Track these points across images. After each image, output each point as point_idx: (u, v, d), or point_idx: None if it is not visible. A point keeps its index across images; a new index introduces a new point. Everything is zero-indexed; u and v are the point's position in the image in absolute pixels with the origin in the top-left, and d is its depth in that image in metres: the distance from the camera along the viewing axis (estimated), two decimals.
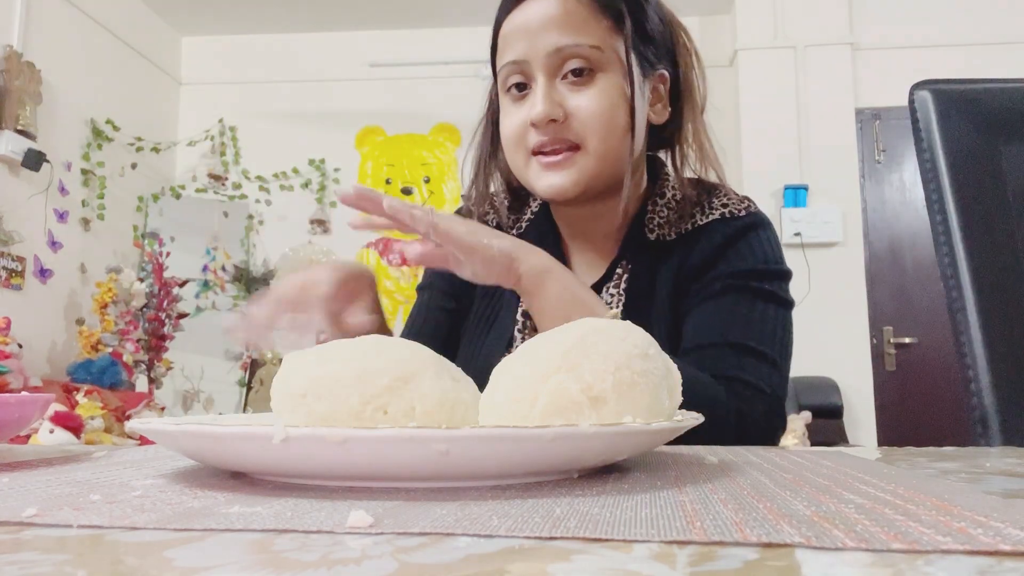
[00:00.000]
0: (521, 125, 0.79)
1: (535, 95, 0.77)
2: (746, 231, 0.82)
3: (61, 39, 3.58)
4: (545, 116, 0.76)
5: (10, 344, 2.87)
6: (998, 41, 3.81)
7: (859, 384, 3.63)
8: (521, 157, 0.80)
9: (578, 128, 0.77)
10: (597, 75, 0.77)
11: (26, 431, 1.47)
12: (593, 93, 0.77)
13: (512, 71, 0.79)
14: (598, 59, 0.77)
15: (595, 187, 0.80)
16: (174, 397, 4.06)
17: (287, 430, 0.32)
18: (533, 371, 0.40)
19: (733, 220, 0.83)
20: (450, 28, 4.39)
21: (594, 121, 0.77)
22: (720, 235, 0.81)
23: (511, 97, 0.81)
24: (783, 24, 3.93)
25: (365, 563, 0.21)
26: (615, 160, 0.79)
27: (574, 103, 0.77)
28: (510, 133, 0.81)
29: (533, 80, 0.78)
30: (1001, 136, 0.83)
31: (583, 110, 0.77)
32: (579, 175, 0.78)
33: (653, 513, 0.28)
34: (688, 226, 0.83)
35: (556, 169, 0.78)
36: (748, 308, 0.77)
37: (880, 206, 3.86)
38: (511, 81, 0.80)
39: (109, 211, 3.86)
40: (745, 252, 0.80)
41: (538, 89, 0.77)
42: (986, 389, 0.76)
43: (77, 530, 0.26)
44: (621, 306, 0.82)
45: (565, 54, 0.77)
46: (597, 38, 0.77)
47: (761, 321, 0.77)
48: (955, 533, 0.24)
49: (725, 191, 0.86)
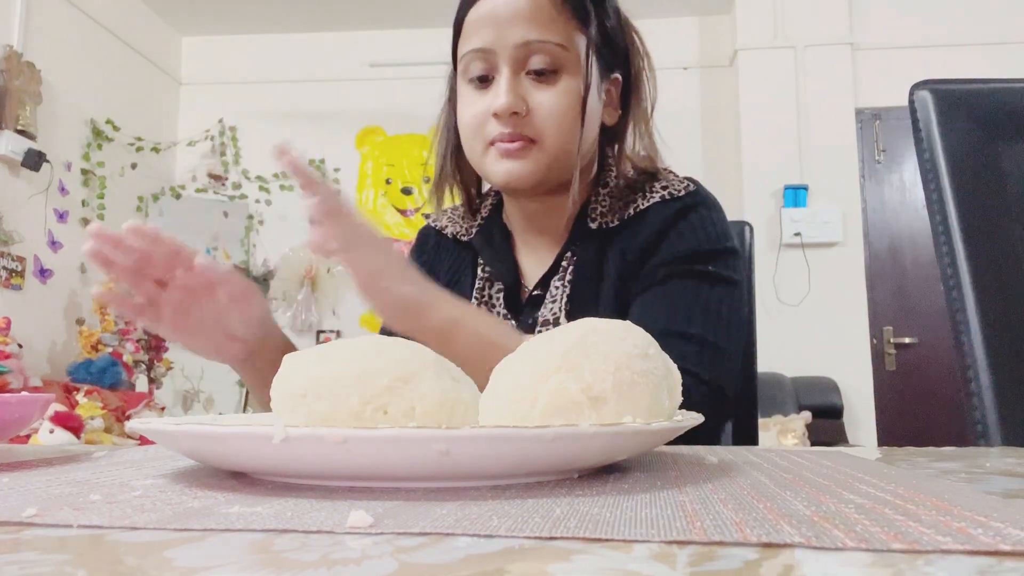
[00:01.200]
0: (482, 114, 0.79)
1: (499, 86, 0.78)
2: (686, 211, 0.81)
3: (61, 39, 3.58)
4: (508, 108, 0.77)
5: (10, 344, 2.87)
6: (998, 41, 3.81)
7: (859, 384, 3.63)
8: (479, 145, 0.81)
9: (538, 124, 0.78)
10: (561, 74, 0.79)
11: (26, 431, 1.47)
12: (556, 92, 0.78)
13: (475, 59, 0.80)
14: (563, 58, 0.78)
15: (547, 181, 0.81)
16: (174, 397, 4.06)
17: (287, 430, 0.32)
18: (533, 371, 0.40)
19: (673, 201, 0.83)
20: (450, 28, 4.39)
21: (554, 119, 0.78)
22: (660, 217, 0.82)
23: (472, 86, 0.81)
24: (783, 24, 3.93)
25: (365, 563, 0.21)
26: (568, 158, 0.80)
27: (537, 99, 0.78)
28: (470, 121, 0.81)
29: (496, 71, 0.79)
30: (1001, 136, 0.83)
31: (545, 107, 0.78)
32: (534, 167, 0.79)
33: (653, 513, 0.28)
34: (631, 212, 0.84)
35: (513, 157, 0.78)
36: (690, 293, 0.77)
37: (880, 206, 3.86)
38: (474, 70, 0.80)
39: (109, 211, 3.86)
40: (686, 232, 0.80)
41: (502, 80, 0.78)
42: (986, 389, 0.76)
43: (77, 530, 0.26)
44: (566, 297, 0.82)
45: (532, 49, 0.78)
46: (564, 37, 0.78)
47: (703, 305, 0.77)
48: (955, 533, 0.24)
49: (665, 175, 0.86)
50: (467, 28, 0.81)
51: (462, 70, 0.82)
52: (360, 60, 4.39)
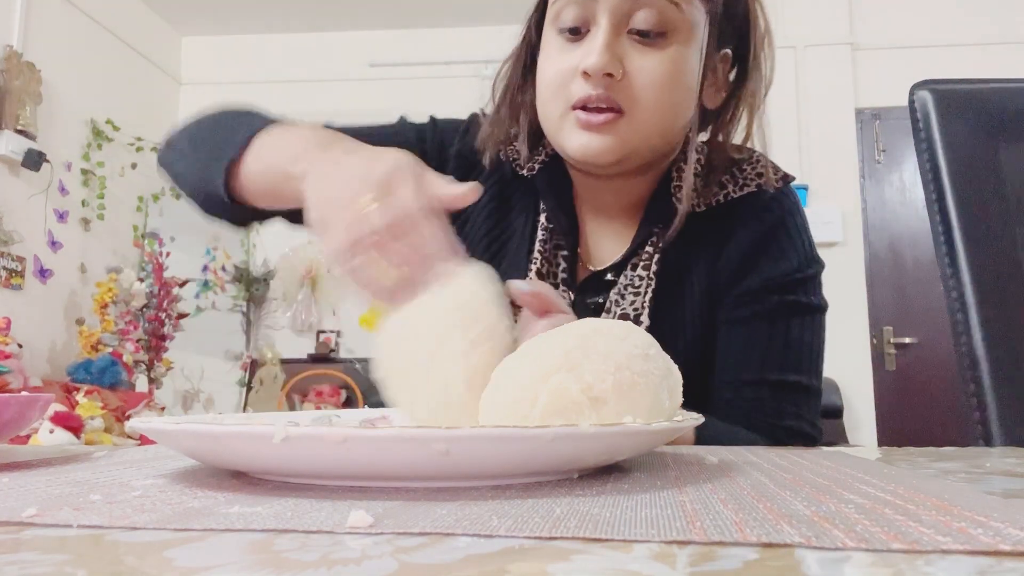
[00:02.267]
0: (568, 71, 0.68)
1: (594, 41, 0.67)
2: (783, 221, 0.75)
3: (61, 39, 3.58)
4: (602, 67, 0.66)
5: (10, 344, 2.87)
6: (998, 41, 3.81)
7: (859, 384, 3.63)
8: (558, 107, 0.70)
9: (634, 91, 0.67)
10: (669, 38, 0.68)
11: (26, 431, 1.47)
12: (660, 58, 0.67)
13: (571, 4, 0.68)
14: (674, 19, 0.67)
15: (630, 161, 0.71)
16: (174, 397, 4.06)
17: (287, 430, 0.32)
18: (533, 371, 0.40)
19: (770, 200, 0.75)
20: (450, 28, 4.39)
21: (652, 89, 0.67)
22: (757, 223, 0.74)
23: (563, 37, 0.70)
24: (783, 24, 3.92)
25: (365, 563, 0.21)
26: (659, 137, 0.71)
27: (637, 64, 0.67)
28: (553, 77, 0.70)
29: (594, 23, 0.68)
30: (1001, 136, 0.83)
31: (645, 73, 0.67)
32: (619, 144, 0.68)
33: (653, 513, 0.28)
34: (720, 198, 0.75)
35: (596, 131, 0.68)
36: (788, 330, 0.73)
37: (880, 206, 3.86)
38: (566, 18, 0.69)
39: (109, 211, 3.86)
40: (786, 247, 0.74)
41: (599, 35, 0.66)
42: (986, 389, 0.76)
43: (77, 530, 0.26)
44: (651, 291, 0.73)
45: (639, 3, 0.66)
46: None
47: (801, 343, 0.73)
48: (955, 533, 0.24)
49: (759, 158, 0.77)
50: None
51: (553, 16, 0.71)
52: (360, 60, 4.39)
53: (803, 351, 0.73)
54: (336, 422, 0.56)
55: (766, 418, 0.71)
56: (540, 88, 0.73)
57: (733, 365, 0.73)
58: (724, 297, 0.75)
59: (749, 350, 0.73)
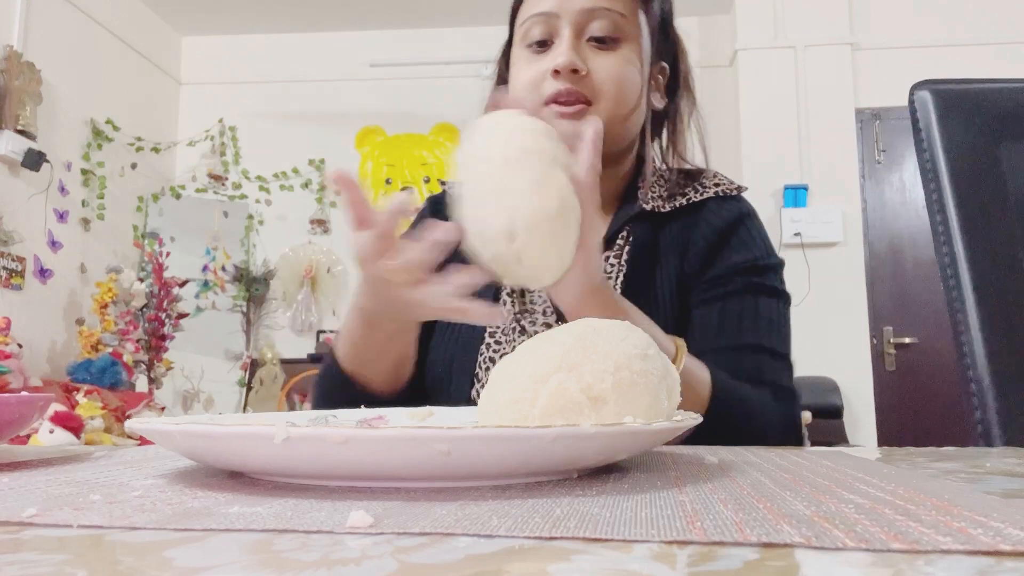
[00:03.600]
0: (539, 74, 0.80)
1: (559, 46, 0.79)
2: (743, 218, 0.85)
3: (61, 39, 3.58)
4: (569, 64, 0.77)
5: (10, 344, 2.87)
6: (998, 41, 3.82)
7: (859, 384, 3.63)
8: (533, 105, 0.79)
9: (597, 85, 0.79)
10: (621, 43, 0.80)
11: (26, 431, 1.47)
12: (615, 58, 0.80)
13: (537, 23, 0.81)
14: (624, 28, 0.80)
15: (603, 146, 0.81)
16: (174, 397, 4.06)
17: (288, 430, 0.32)
18: (533, 371, 0.40)
19: (728, 200, 0.86)
20: (450, 28, 4.39)
21: (612, 83, 0.79)
22: (719, 219, 0.84)
23: (531, 51, 0.82)
24: (783, 24, 3.93)
25: (365, 563, 0.21)
26: (623, 126, 0.82)
27: (597, 62, 0.79)
28: (525, 81, 0.81)
29: (557, 35, 0.80)
30: (1001, 136, 0.83)
31: (604, 70, 0.79)
32: None
33: (653, 513, 0.28)
34: (683, 201, 0.85)
35: (571, 119, 0.78)
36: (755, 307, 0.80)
37: (880, 206, 3.86)
38: (534, 34, 0.81)
39: (109, 211, 3.86)
40: (747, 241, 0.83)
41: (563, 40, 0.79)
42: (986, 389, 0.76)
43: (77, 530, 0.26)
44: (622, 276, 0.82)
45: (595, 15, 0.79)
46: (627, 8, 0.81)
47: (769, 319, 0.80)
48: (955, 533, 0.24)
49: (715, 174, 0.89)
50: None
51: (521, 36, 0.83)
52: (360, 60, 4.39)
53: (772, 325, 0.80)
54: (333, 422, 0.56)
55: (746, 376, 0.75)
56: (514, 92, 0.83)
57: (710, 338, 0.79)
58: (694, 284, 0.82)
59: (722, 323, 0.79)
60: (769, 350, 0.78)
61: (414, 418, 0.58)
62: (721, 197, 0.86)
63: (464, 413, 0.59)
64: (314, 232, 4.38)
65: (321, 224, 4.36)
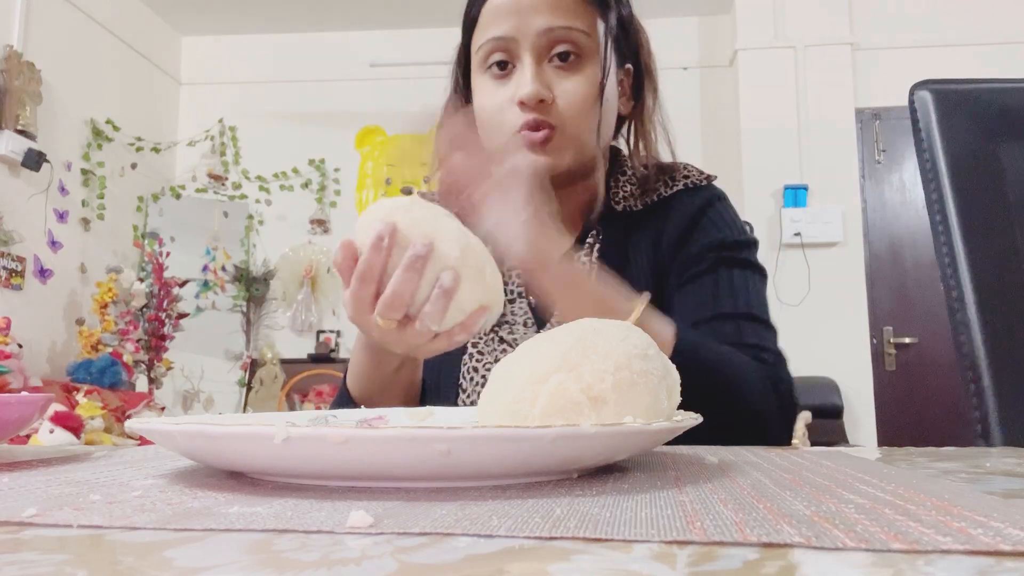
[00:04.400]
0: (504, 102, 0.78)
1: (523, 74, 0.77)
2: (712, 202, 0.85)
3: (61, 39, 3.58)
4: (535, 96, 0.76)
5: (10, 344, 2.87)
6: (998, 41, 3.82)
7: (859, 384, 3.63)
8: (502, 134, 0.79)
9: (562, 111, 0.78)
10: (584, 61, 0.79)
11: (26, 431, 1.47)
12: (579, 79, 0.78)
13: (495, 47, 0.79)
14: (585, 45, 0.78)
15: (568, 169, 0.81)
16: (174, 397, 4.06)
17: (288, 430, 0.32)
18: (533, 371, 0.40)
19: (697, 189, 0.85)
20: (450, 28, 4.36)
21: (578, 107, 0.78)
22: (688, 206, 0.84)
23: (491, 75, 0.80)
24: (783, 24, 3.93)
25: (365, 563, 0.21)
26: (590, 145, 0.81)
27: (561, 87, 0.78)
28: (491, 110, 0.80)
29: (517, 59, 0.78)
30: (1001, 136, 0.83)
31: (569, 94, 0.77)
32: (559, 157, 0.78)
33: (653, 513, 0.28)
34: (654, 197, 0.86)
35: (540, 148, 0.77)
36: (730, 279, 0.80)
37: (880, 206, 3.86)
38: (493, 59, 0.79)
39: (109, 211, 3.86)
40: (717, 221, 0.83)
41: (526, 68, 0.77)
42: (986, 389, 0.76)
43: (77, 530, 0.26)
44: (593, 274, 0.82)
45: (555, 36, 0.77)
46: (586, 23, 0.79)
47: (745, 288, 0.80)
48: (955, 533, 0.24)
49: (685, 166, 0.89)
50: (485, 18, 0.80)
51: (479, 61, 0.81)
52: (360, 60, 4.39)
53: (750, 295, 0.80)
54: (333, 422, 0.56)
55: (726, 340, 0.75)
56: (482, 121, 0.82)
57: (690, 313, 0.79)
58: (668, 269, 0.83)
59: (700, 298, 0.79)
60: (746, 314, 0.77)
61: (414, 418, 0.58)
62: (691, 188, 0.86)
63: (464, 413, 0.59)
64: (314, 232, 4.38)
65: (321, 224, 4.36)
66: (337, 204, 4.42)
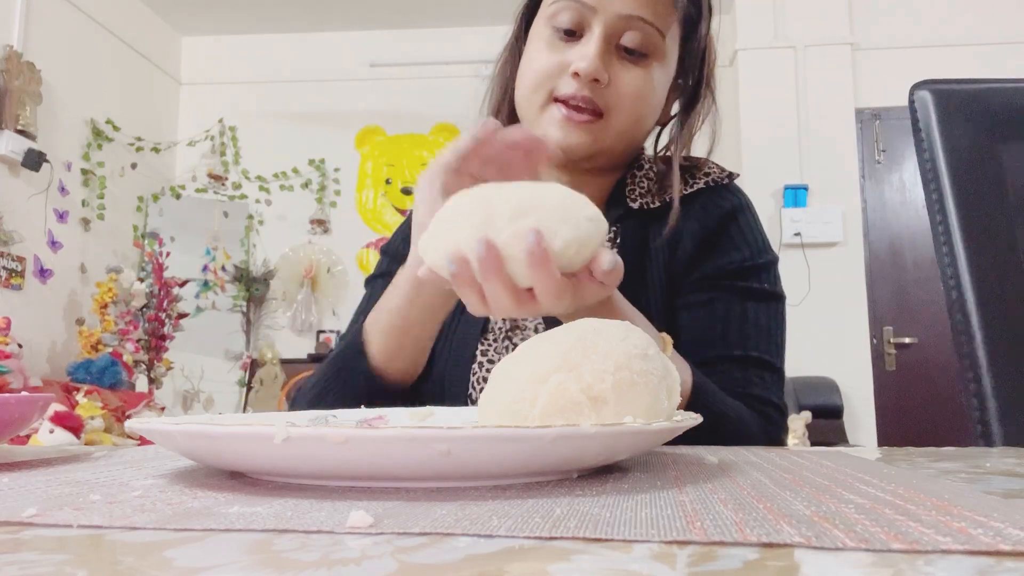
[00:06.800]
0: (556, 67, 0.75)
1: (588, 46, 0.74)
2: (735, 214, 0.81)
3: (61, 39, 3.59)
4: (593, 73, 0.73)
5: (10, 344, 2.87)
6: (998, 41, 3.82)
7: (859, 384, 3.63)
8: (540, 97, 0.76)
9: (614, 98, 0.75)
10: (649, 59, 0.76)
11: (26, 431, 1.47)
12: (640, 74, 0.76)
13: (571, 8, 0.75)
14: (656, 45, 0.76)
15: (598, 159, 0.79)
16: (174, 397, 4.06)
17: (288, 430, 0.32)
18: (533, 371, 0.40)
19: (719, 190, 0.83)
20: (450, 28, 4.39)
21: (630, 99, 0.75)
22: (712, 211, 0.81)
23: (556, 34, 0.76)
24: (783, 24, 3.93)
25: (365, 563, 0.21)
26: (628, 144, 0.79)
27: (621, 75, 0.75)
28: (540, 69, 0.76)
29: (587, 30, 0.75)
30: (1001, 136, 0.83)
31: (627, 86, 0.75)
32: (593, 142, 0.76)
33: (653, 513, 0.28)
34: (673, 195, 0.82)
35: (577, 127, 0.75)
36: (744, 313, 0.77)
37: (880, 206, 3.86)
38: (563, 19, 0.75)
39: (109, 211, 3.86)
40: (737, 238, 0.80)
41: (593, 43, 0.73)
42: (986, 389, 0.76)
43: (77, 530, 0.26)
44: None
45: (632, 24, 0.74)
46: (665, 25, 0.76)
47: (759, 325, 0.77)
48: (955, 533, 0.24)
49: (706, 161, 0.86)
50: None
51: (547, 15, 0.77)
52: (360, 60, 4.39)
53: (762, 333, 0.77)
54: (333, 422, 0.56)
55: (734, 388, 0.73)
56: (524, 76, 0.78)
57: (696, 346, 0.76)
58: (681, 284, 0.80)
59: (710, 331, 0.77)
60: (757, 360, 0.75)
61: (414, 418, 0.58)
62: (712, 187, 0.83)
63: (464, 413, 0.59)
64: (314, 232, 4.38)
65: (321, 224, 4.36)
66: (337, 204, 4.42)
